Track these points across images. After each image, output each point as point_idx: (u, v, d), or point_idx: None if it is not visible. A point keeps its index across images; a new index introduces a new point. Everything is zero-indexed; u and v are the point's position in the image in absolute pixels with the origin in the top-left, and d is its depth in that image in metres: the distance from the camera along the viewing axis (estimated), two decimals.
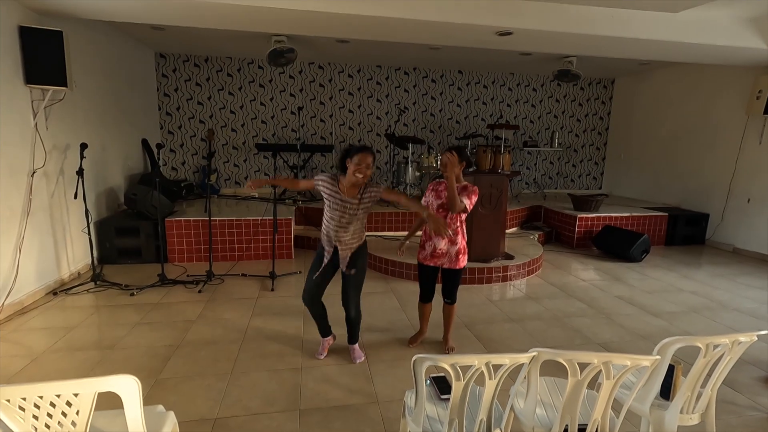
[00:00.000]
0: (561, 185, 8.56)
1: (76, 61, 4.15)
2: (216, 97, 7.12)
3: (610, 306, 3.95)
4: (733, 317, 3.77)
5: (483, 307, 3.85)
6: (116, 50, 5.38)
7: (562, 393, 1.81)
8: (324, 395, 2.48)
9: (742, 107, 5.93)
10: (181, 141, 7.14)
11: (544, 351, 1.41)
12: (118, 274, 4.43)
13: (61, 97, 3.95)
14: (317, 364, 2.82)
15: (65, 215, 4.26)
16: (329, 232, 2.66)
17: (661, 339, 3.23)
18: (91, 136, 4.62)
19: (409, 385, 2.57)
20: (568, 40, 4.42)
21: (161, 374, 2.66)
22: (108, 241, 4.79)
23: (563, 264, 5.32)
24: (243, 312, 3.63)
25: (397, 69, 7.59)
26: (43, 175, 3.90)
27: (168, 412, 1.66)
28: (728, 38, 4.41)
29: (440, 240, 2.87)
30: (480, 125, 7.97)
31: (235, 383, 2.59)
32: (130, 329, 3.28)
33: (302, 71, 7.30)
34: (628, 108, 8.07)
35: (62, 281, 4.19)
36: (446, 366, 1.36)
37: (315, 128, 7.51)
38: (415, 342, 3.14)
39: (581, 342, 3.23)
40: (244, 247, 5.12)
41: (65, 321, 3.40)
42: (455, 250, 2.89)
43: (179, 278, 4.38)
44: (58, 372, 2.67)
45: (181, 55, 6.90)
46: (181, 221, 4.96)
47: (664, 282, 4.68)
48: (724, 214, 6.21)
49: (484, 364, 1.35)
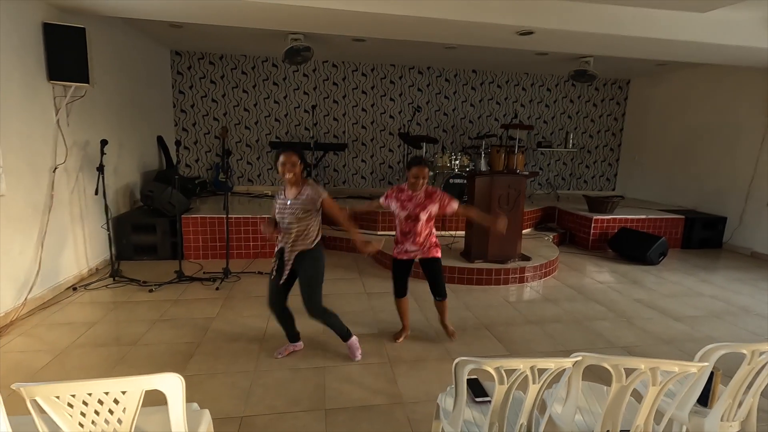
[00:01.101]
0: (574, 186, 8.50)
1: (95, 59, 4.17)
2: (230, 94, 7.13)
3: (630, 309, 3.91)
4: (756, 322, 3.71)
5: (501, 309, 3.83)
6: (133, 47, 5.40)
7: (598, 397, 1.79)
8: (348, 395, 2.47)
9: (761, 110, 5.84)
10: (195, 138, 7.17)
11: (589, 355, 1.39)
12: (134, 271, 4.45)
13: (82, 94, 3.98)
14: (339, 364, 2.81)
15: (84, 211, 4.29)
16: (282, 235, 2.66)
17: (684, 344, 3.23)
18: (108, 132, 4.65)
19: (433, 387, 2.57)
20: (589, 40, 4.38)
21: (184, 371, 2.67)
22: (124, 238, 4.81)
23: (579, 266, 5.27)
24: (261, 310, 3.63)
25: (411, 68, 7.56)
26: (63, 171, 3.92)
27: (203, 410, 1.66)
28: (752, 39, 4.34)
29: (411, 245, 2.97)
30: (493, 125, 7.92)
31: (258, 382, 2.58)
32: (151, 326, 3.29)
33: (316, 69, 7.30)
34: (643, 109, 7.99)
35: (81, 276, 4.22)
36: (490, 369, 1.34)
37: (328, 126, 7.50)
38: (399, 338, 3.18)
39: (603, 345, 3.19)
40: (259, 244, 5.12)
41: (86, 316, 3.42)
42: (427, 246, 3.00)
43: (196, 275, 4.40)
44: (82, 368, 2.69)
45: (196, 53, 6.92)
46: (197, 218, 4.98)
47: (683, 286, 4.62)
48: (743, 217, 6.12)
49: (529, 368, 1.33)
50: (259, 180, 7.47)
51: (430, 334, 3.28)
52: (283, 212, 2.60)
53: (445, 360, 2.91)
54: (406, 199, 2.95)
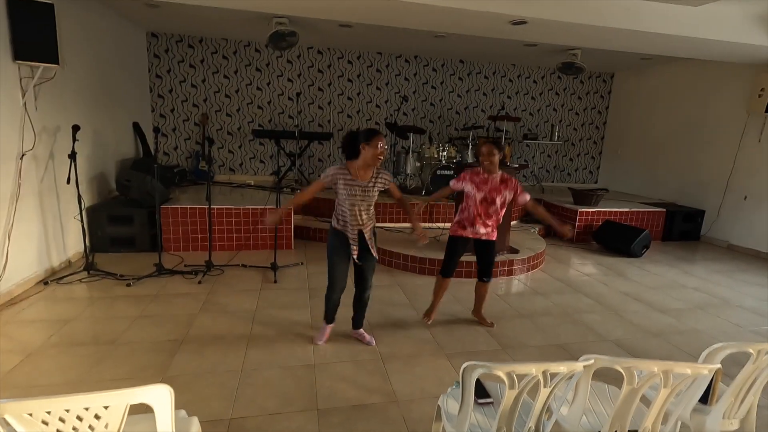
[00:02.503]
0: (558, 179, 8.56)
1: (65, 38, 3.90)
2: (210, 80, 6.86)
3: (618, 302, 3.95)
4: (738, 314, 3.80)
5: (492, 302, 3.80)
6: (106, 28, 5.09)
7: (601, 397, 1.76)
8: (342, 394, 2.40)
9: (742, 105, 5.96)
10: (174, 125, 6.88)
11: (601, 358, 1.34)
12: (111, 264, 4.24)
13: (51, 75, 3.71)
14: (330, 361, 2.73)
15: (55, 201, 4.04)
16: (352, 220, 2.66)
17: (672, 336, 3.27)
18: (81, 118, 4.38)
19: (428, 384, 2.52)
20: (583, 32, 4.33)
21: (168, 371, 2.54)
22: (99, 229, 4.58)
23: (565, 258, 5.31)
24: (247, 305, 3.51)
25: (398, 56, 7.42)
26: (32, 158, 3.68)
27: (191, 417, 1.56)
28: (738, 34, 4.38)
29: (481, 227, 3.02)
30: (480, 116, 7.88)
31: (247, 381, 2.48)
32: (131, 322, 3.13)
33: (300, 56, 7.08)
34: (626, 102, 8.08)
35: (53, 270, 3.99)
36: (501, 374, 1.28)
37: (313, 115, 7.32)
38: (430, 317, 3.27)
39: (594, 339, 3.21)
40: (243, 236, 4.97)
41: (60, 313, 3.23)
42: (491, 229, 3.09)
43: (177, 268, 4.22)
44: (57, 369, 2.53)
45: (174, 35, 6.61)
46: (177, 209, 4.77)
47: (667, 278, 4.71)
48: (720, 210, 6.28)
49: (541, 372, 1.28)
50: (241, 169, 7.25)
51: (422, 329, 3.23)
52: (363, 195, 2.63)
53: (438, 355, 2.87)
54: (482, 182, 2.98)
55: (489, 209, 2.99)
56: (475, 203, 3.00)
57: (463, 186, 3.03)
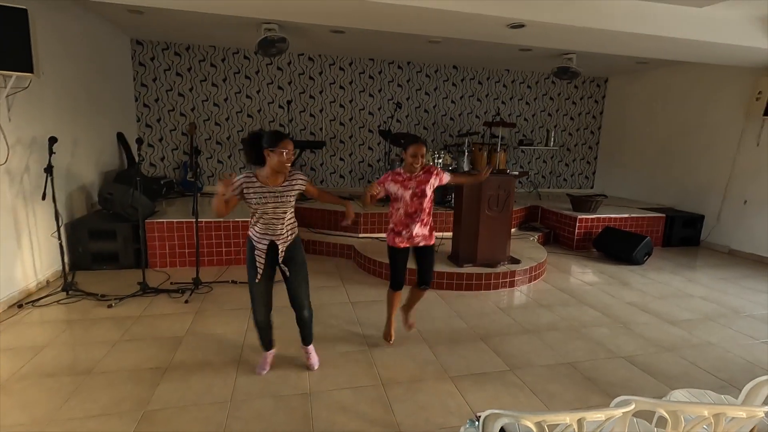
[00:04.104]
0: (554, 184, 8.46)
1: (42, 47, 3.69)
2: (198, 88, 6.66)
3: (625, 314, 3.79)
4: (750, 324, 3.67)
5: (495, 317, 3.63)
6: (87, 34, 4.88)
7: None
8: (341, 427, 2.20)
9: (739, 108, 5.90)
10: (160, 135, 6.66)
11: (642, 400, 1.17)
12: (92, 283, 4.00)
13: (25, 85, 3.50)
14: (327, 388, 2.53)
15: (31, 217, 3.81)
16: (265, 229, 2.43)
17: (684, 351, 3.11)
18: (60, 129, 4.15)
19: (433, 414, 2.31)
20: (581, 35, 4.22)
21: (149, 405, 2.32)
22: (81, 246, 4.34)
23: (566, 267, 5.17)
24: (237, 326, 3.29)
25: (391, 63, 7.29)
26: (5, 172, 3.45)
27: None
28: (739, 37, 4.30)
29: (416, 225, 2.85)
30: (474, 122, 7.76)
31: (235, 414, 2.27)
32: (110, 348, 2.90)
33: (291, 62, 6.91)
34: (621, 107, 8.02)
35: (28, 292, 3.74)
36: (530, 425, 1.10)
37: (304, 123, 7.14)
38: (391, 337, 3.08)
39: (605, 356, 3.04)
40: (232, 251, 4.75)
41: (33, 340, 2.99)
42: (428, 229, 2.92)
43: (162, 286, 4.00)
44: (25, 405, 2.29)
45: (160, 43, 6.41)
46: (164, 223, 4.55)
47: (672, 287, 4.57)
48: (720, 215, 6.19)
49: (576, 421, 1.10)
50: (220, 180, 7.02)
51: (423, 347, 3.05)
52: (275, 201, 2.38)
53: (443, 379, 2.68)
54: (406, 179, 2.84)
55: (423, 203, 2.85)
56: (405, 202, 2.85)
57: (387, 187, 2.87)
